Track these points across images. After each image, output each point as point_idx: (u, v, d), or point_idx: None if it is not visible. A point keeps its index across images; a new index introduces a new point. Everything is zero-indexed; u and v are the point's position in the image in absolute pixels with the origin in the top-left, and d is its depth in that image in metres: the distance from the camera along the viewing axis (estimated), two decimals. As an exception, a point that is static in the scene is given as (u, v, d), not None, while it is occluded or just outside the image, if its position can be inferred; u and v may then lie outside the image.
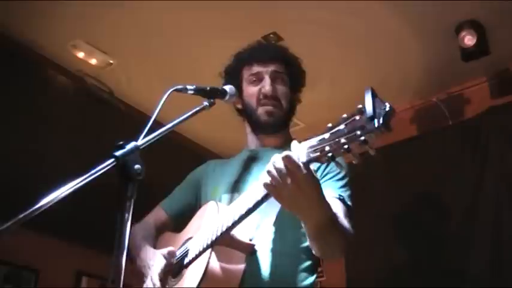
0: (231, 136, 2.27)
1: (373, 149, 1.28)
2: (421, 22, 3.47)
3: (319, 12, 3.39)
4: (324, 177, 1.89)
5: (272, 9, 3.38)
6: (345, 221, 1.73)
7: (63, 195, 1.19)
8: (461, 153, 3.72)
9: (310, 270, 1.88)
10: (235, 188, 1.99)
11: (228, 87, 1.94)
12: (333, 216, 1.62)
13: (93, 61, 3.86)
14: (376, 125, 1.23)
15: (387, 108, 1.24)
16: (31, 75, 3.70)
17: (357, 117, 1.30)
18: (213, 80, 2.15)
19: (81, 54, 3.81)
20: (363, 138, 1.26)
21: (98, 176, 1.25)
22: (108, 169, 1.28)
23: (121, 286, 1.23)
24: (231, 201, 1.93)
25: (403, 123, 4.11)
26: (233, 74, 2.15)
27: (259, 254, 1.79)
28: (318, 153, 1.36)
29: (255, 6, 3.36)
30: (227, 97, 1.92)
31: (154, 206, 2.24)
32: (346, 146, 1.29)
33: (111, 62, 3.88)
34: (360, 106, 1.30)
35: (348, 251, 1.73)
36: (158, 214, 2.22)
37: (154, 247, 2.04)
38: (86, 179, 1.23)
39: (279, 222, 1.79)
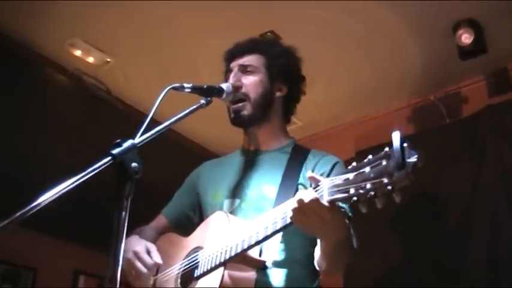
0: (228, 134, 2.26)
1: (399, 196, 1.26)
2: (418, 21, 3.47)
3: (316, 11, 3.39)
4: None
5: (269, 7, 3.38)
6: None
7: (60, 193, 1.19)
8: (458, 152, 3.72)
9: (315, 274, 1.91)
10: (235, 193, 2.00)
11: (225, 85, 1.95)
12: (349, 236, 1.70)
13: (91, 59, 3.85)
14: (406, 175, 1.22)
15: (415, 159, 1.23)
16: (28, 74, 3.69)
17: (384, 162, 1.27)
18: (210, 78, 2.15)
19: (78, 53, 3.80)
20: (390, 187, 1.24)
21: (95, 174, 1.25)
22: (106, 167, 1.28)
23: (118, 285, 1.23)
24: (232, 206, 1.96)
25: (400, 121, 4.11)
26: (225, 77, 2.17)
27: (269, 264, 1.82)
28: (342, 195, 1.36)
29: (252, 5, 3.36)
30: (224, 95, 1.93)
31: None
32: (372, 193, 1.28)
33: (109, 60, 3.88)
34: (387, 150, 1.28)
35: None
36: (159, 220, 2.25)
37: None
38: (83, 177, 1.23)
39: (286, 232, 1.80)
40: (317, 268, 1.81)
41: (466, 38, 3.38)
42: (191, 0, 3.32)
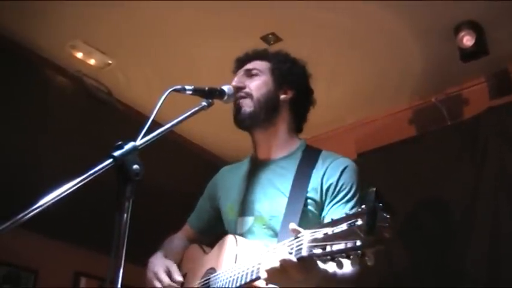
0: (228, 136, 2.27)
1: (371, 258, 1.27)
2: (419, 22, 3.47)
3: (317, 13, 3.39)
4: (334, 198, 1.91)
5: (271, 9, 3.37)
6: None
7: (61, 195, 1.19)
8: (459, 154, 3.71)
9: None
10: (248, 209, 2.01)
11: (226, 88, 1.94)
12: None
13: (92, 61, 3.85)
14: (375, 242, 1.24)
15: (387, 223, 1.24)
16: (30, 76, 3.69)
17: (359, 222, 1.27)
18: (211, 79, 2.15)
19: (79, 55, 3.80)
20: (360, 251, 1.27)
21: (96, 176, 1.25)
22: (107, 169, 1.28)
23: (119, 287, 1.23)
24: (243, 224, 1.99)
25: (401, 123, 4.11)
26: None
27: None
28: (320, 251, 1.36)
29: (253, 7, 3.35)
30: (225, 97, 1.93)
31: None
32: (343, 254, 1.30)
33: (110, 62, 3.88)
34: (364, 208, 1.28)
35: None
36: (186, 230, 2.32)
37: (181, 258, 2.18)
38: (84, 179, 1.23)
39: None
40: None
41: (468, 40, 3.38)
42: (192, 1, 3.32)
